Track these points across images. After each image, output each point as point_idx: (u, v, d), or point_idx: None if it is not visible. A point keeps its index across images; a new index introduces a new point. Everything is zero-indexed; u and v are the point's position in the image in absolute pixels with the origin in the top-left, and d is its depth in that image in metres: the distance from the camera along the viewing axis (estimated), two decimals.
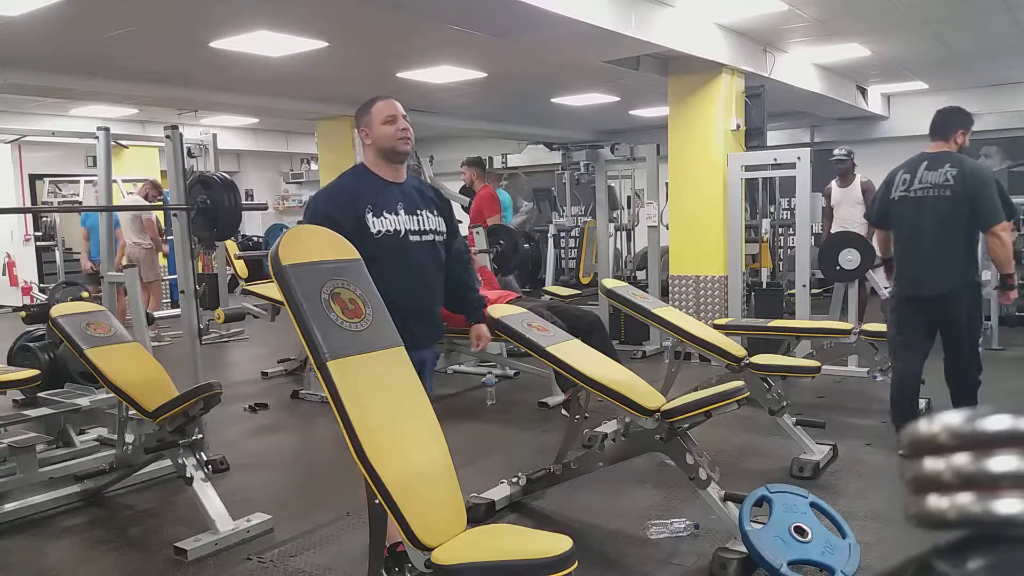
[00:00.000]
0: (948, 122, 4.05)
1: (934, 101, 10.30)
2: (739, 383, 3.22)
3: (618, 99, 9.54)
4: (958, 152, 4.01)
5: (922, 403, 4.92)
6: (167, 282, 10.02)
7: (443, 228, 2.94)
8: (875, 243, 4.46)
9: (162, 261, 9.28)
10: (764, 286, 6.88)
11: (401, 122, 2.85)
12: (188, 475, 3.41)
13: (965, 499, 0.73)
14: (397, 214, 2.79)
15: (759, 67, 7.15)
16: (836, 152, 7.46)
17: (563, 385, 5.18)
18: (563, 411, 5.18)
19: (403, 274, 2.77)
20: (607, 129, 12.23)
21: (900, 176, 4.09)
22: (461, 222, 7.17)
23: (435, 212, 2.93)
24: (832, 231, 7.16)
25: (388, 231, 2.76)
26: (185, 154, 4.77)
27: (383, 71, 7.41)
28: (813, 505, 2.85)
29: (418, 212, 2.86)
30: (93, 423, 4.60)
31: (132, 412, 3.69)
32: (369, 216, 2.74)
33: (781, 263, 9.13)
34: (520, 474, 3.66)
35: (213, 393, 3.44)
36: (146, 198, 8.58)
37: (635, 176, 10.48)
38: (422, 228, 2.85)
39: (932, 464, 0.76)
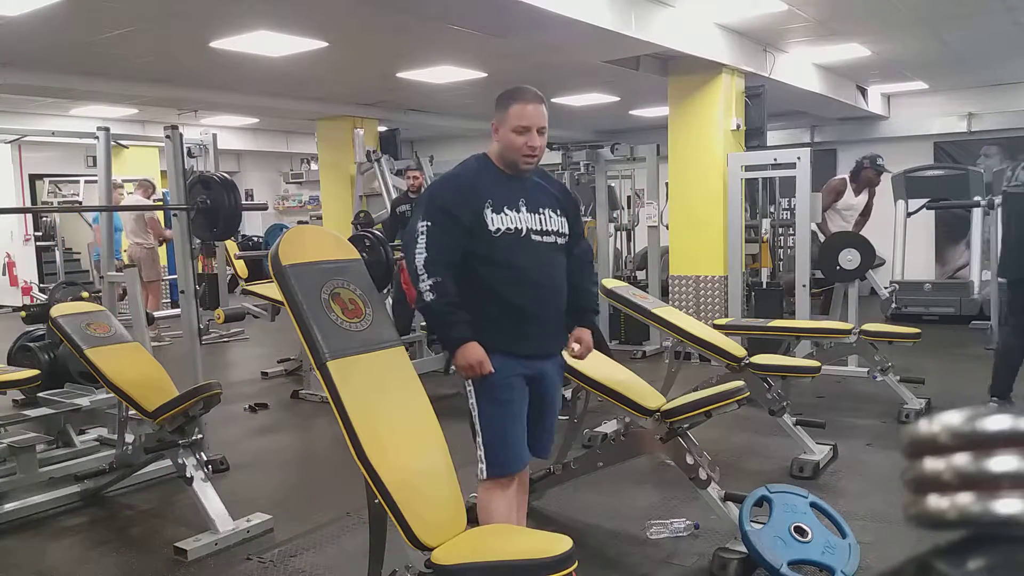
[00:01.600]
0: None
1: (934, 101, 10.42)
2: (739, 383, 3.22)
3: (618, 99, 9.54)
4: None
5: (921, 403, 4.94)
6: (167, 282, 10.01)
7: (566, 229, 2.67)
8: None
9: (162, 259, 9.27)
10: (764, 286, 6.88)
11: (533, 137, 2.54)
12: (188, 475, 3.41)
13: (965, 499, 0.73)
14: (518, 211, 2.55)
15: (759, 67, 7.15)
16: (881, 160, 6.79)
17: None
18: None
19: (522, 276, 2.53)
20: (607, 129, 12.23)
21: (1007, 173, 4.86)
22: None
23: (558, 211, 2.66)
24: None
25: (508, 229, 2.51)
26: (185, 154, 4.76)
27: (383, 71, 7.41)
28: (813, 505, 2.85)
29: (540, 210, 2.60)
30: (93, 423, 4.60)
31: (132, 412, 3.69)
32: (488, 212, 2.50)
33: (781, 263, 9.13)
34: None
35: (213, 393, 3.44)
36: (148, 198, 8.58)
37: (635, 176, 10.47)
38: (544, 228, 2.59)
39: (932, 464, 0.76)
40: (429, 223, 2.47)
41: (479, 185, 2.56)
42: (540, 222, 2.58)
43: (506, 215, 2.52)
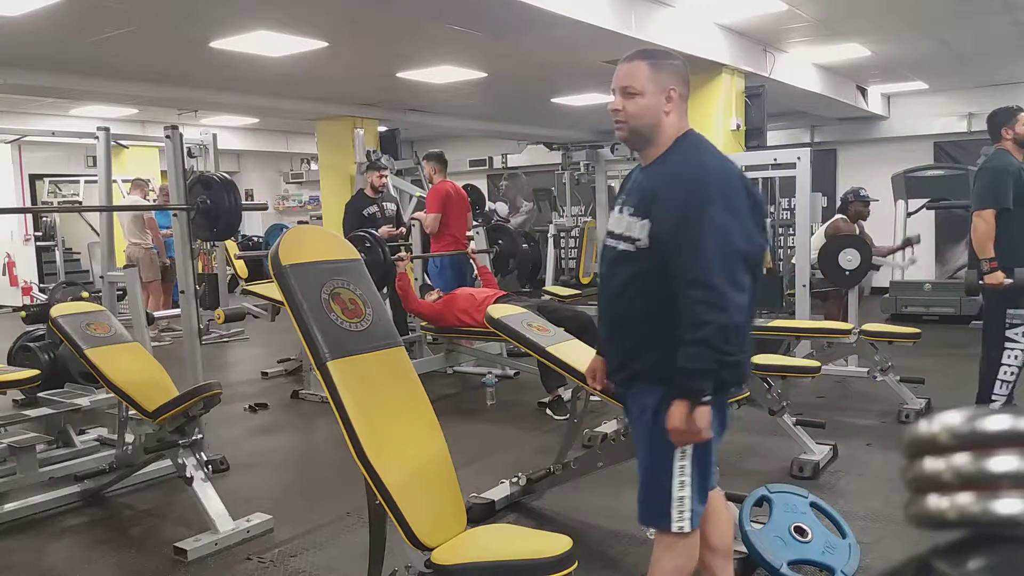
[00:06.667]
0: (991, 125, 4.33)
1: (934, 101, 10.42)
2: None
3: None
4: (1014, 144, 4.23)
5: (921, 403, 4.94)
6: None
7: (635, 233, 2.01)
8: None
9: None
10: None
11: (615, 98, 2.12)
12: (188, 475, 3.41)
13: (965, 499, 0.73)
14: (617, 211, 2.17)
15: (759, 67, 7.15)
16: (864, 192, 6.60)
17: (548, 385, 5.20)
18: (547, 411, 5.20)
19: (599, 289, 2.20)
20: (607, 129, 12.18)
21: None
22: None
23: (633, 208, 2.06)
24: None
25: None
26: (185, 154, 4.76)
27: (383, 71, 7.41)
28: (813, 505, 2.85)
29: (622, 208, 2.12)
30: (93, 423, 4.60)
31: (132, 412, 3.69)
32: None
33: (781, 263, 9.13)
34: (520, 474, 3.66)
35: (213, 393, 3.44)
36: (144, 197, 8.57)
37: None
38: (614, 230, 2.11)
39: (932, 464, 0.76)
40: None
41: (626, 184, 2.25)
42: (616, 223, 2.11)
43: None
